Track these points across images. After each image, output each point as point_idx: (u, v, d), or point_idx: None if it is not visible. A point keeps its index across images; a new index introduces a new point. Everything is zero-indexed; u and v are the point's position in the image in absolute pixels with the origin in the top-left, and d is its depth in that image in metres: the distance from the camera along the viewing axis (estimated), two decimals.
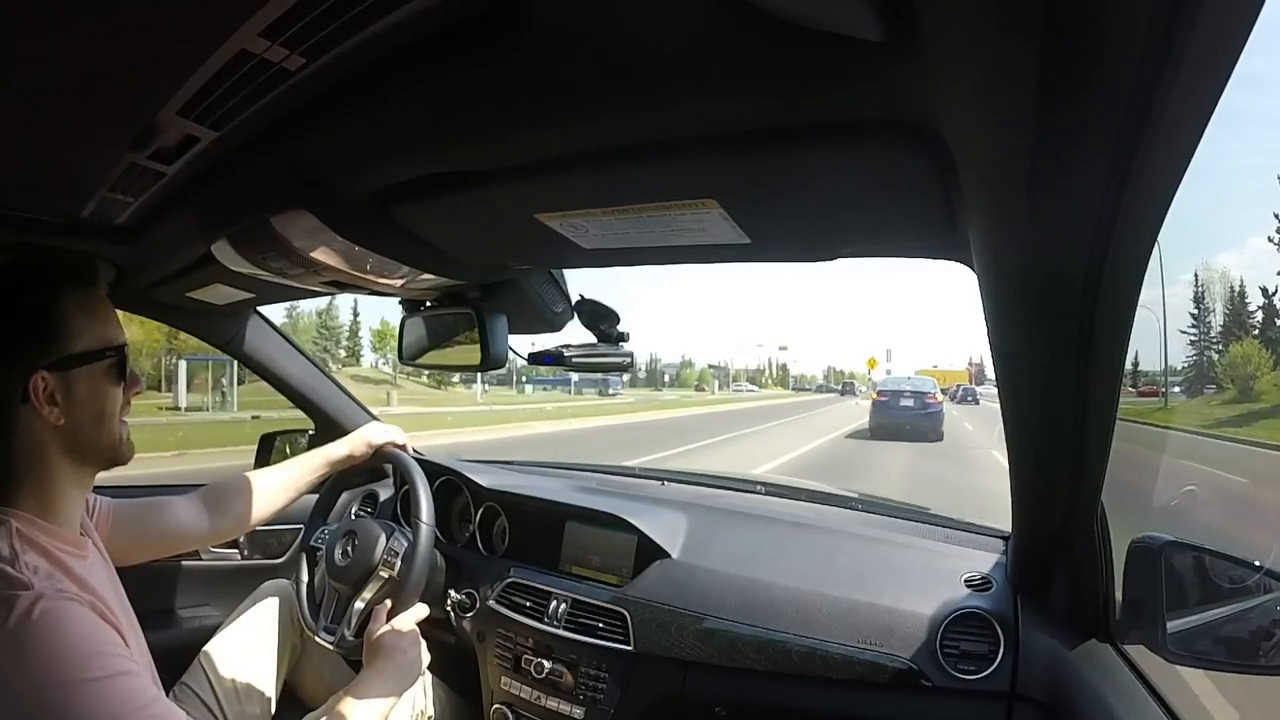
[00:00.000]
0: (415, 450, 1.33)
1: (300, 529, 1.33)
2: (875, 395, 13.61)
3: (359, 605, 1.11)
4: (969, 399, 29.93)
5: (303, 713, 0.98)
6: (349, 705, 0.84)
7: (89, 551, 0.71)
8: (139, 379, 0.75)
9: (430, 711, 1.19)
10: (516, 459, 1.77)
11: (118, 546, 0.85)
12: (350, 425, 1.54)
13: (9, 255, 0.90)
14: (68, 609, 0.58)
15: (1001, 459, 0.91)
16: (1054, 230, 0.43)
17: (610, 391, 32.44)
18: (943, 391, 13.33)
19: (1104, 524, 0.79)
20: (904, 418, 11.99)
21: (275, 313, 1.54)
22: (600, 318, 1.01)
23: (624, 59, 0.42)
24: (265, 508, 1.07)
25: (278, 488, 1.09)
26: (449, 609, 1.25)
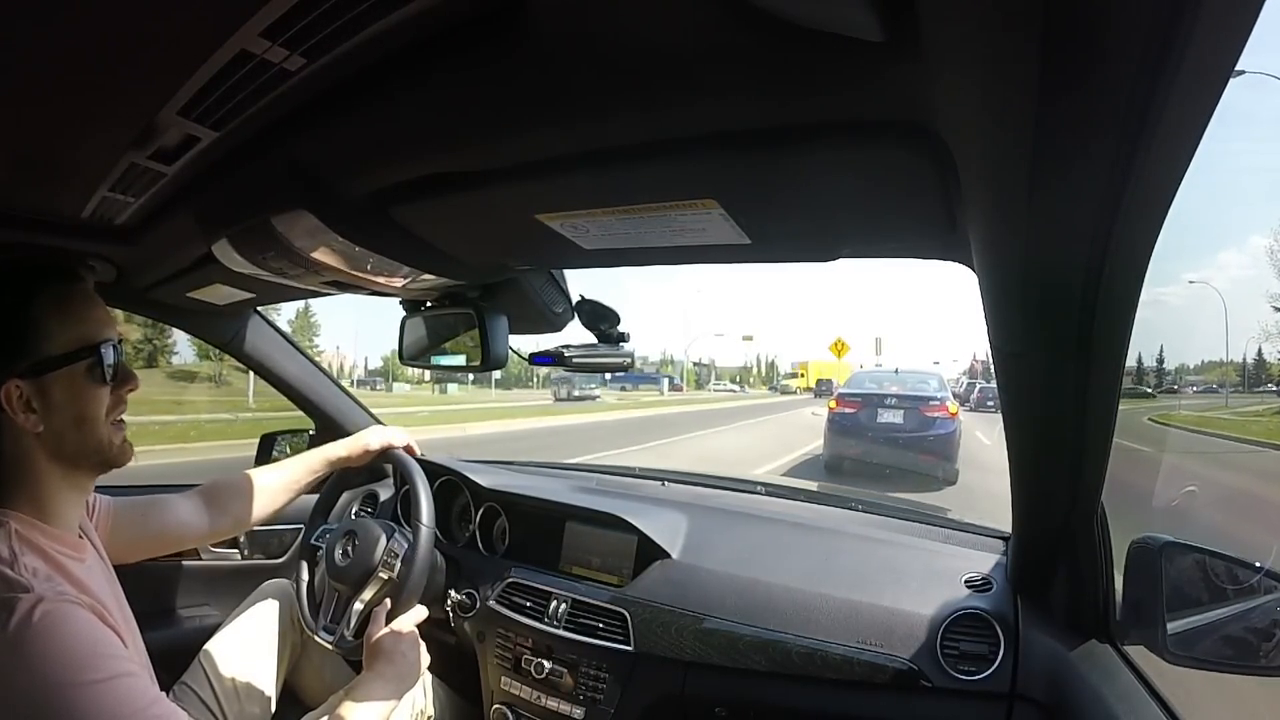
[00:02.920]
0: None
1: (300, 529, 1.33)
2: (834, 403, 7.32)
3: (359, 606, 1.11)
4: (989, 403, 15.82)
5: (303, 712, 0.98)
6: (348, 708, 0.84)
7: (87, 554, 0.71)
8: (131, 376, 0.72)
9: (430, 711, 1.19)
10: (517, 459, 1.78)
11: (117, 545, 0.85)
12: (351, 426, 1.55)
13: (7, 255, 0.91)
14: (68, 611, 0.58)
15: None
16: (1054, 230, 0.43)
17: (575, 393, 30.09)
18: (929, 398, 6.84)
19: (1104, 524, 0.79)
20: (886, 440, 6.63)
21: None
22: (600, 318, 1.01)
23: (624, 59, 0.42)
24: (264, 507, 1.07)
25: (277, 487, 1.09)
26: (449, 609, 1.25)
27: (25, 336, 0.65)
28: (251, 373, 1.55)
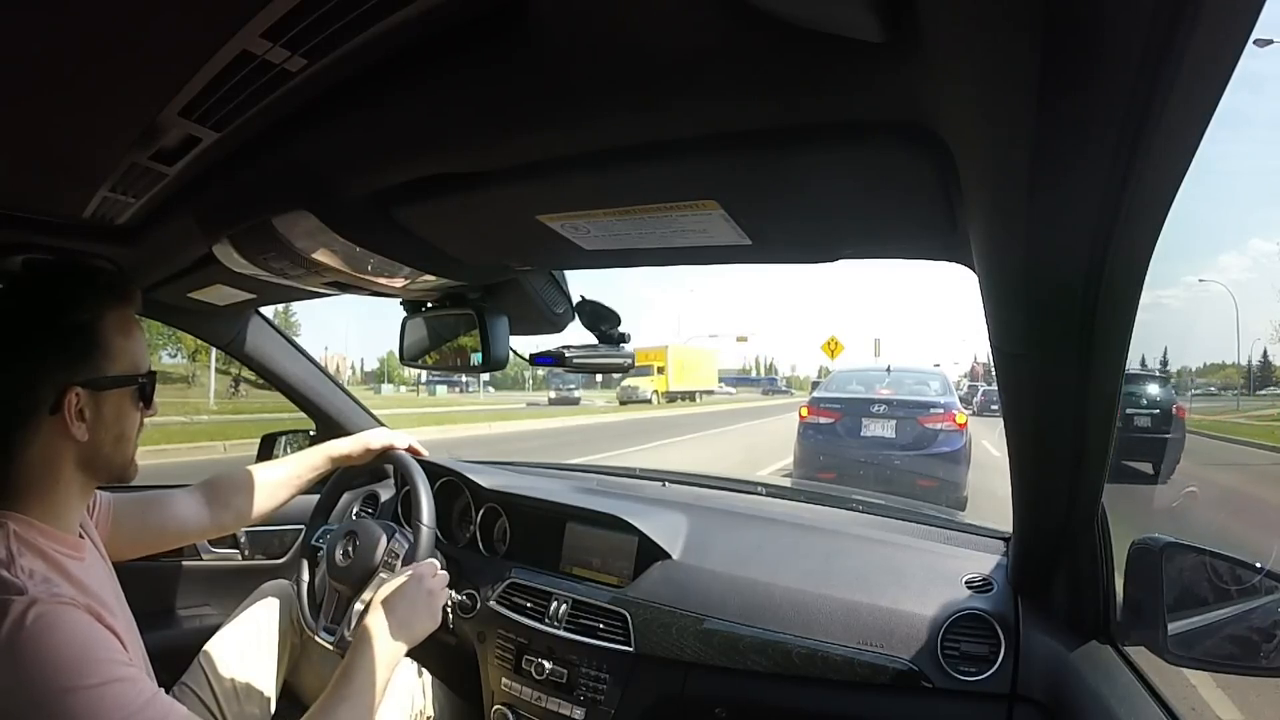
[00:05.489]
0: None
1: (301, 529, 1.33)
2: (805, 410, 5.66)
3: (359, 606, 1.11)
4: (993, 407, 10.88)
5: (302, 712, 0.98)
6: (346, 668, 0.80)
7: (86, 553, 0.71)
8: (154, 402, 0.76)
9: (430, 712, 1.19)
10: (517, 460, 1.78)
11: (118, 542, 0.85)
12: (352, 427, 1.55)
13: (11, 255, 0.91)
14: (62, 614, 0.58)
15: None
16: (1054, 230, 0.43)
17: (552, 395, 28.30)
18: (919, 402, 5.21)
19: (1105, 525, 0.79)
20: (873, 460, 5.06)
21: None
22: (601, 319, 1.01)
23: (624, 60, 0.42)
24: (266, 502, 1.07)
25: (279, 482, 1.09)
26: (449, 610, 1.25)
27: (93, 351, 0.68)
28: (214, 373, 1.55)
